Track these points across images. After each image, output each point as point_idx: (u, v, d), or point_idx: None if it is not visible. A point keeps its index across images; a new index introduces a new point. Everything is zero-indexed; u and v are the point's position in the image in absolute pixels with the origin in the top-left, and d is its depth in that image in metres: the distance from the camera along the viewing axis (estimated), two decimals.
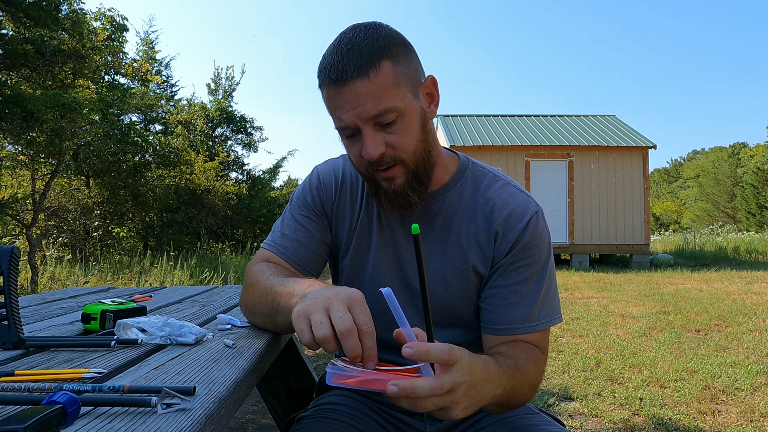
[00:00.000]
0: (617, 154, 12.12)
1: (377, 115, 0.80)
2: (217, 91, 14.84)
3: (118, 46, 7.20)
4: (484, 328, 0.93)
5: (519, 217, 0.92)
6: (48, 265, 6.47)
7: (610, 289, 7.29)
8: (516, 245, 0.91)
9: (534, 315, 0.89)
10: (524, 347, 0.87)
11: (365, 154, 0.82)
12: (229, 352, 0.79)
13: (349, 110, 0.80)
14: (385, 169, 0.85)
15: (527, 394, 0.83)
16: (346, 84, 0.79)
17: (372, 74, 0.79)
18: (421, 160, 0.86)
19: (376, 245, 0.97)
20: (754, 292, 6.63)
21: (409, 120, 0.83)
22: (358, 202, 0.99)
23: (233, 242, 12.57)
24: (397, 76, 0.81)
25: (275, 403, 1.52)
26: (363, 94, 0.79)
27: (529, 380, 0.83)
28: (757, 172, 30.28)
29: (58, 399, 0.46)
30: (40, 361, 0.74)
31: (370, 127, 0.81)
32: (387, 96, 0.80)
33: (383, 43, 0.80)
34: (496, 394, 0.72)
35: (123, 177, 10.39)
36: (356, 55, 0.79)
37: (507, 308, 0.90)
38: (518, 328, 0.89)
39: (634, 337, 4.17)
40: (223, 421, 0.58)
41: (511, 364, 0.79)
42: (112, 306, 1.00)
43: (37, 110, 5.08)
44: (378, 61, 0.79)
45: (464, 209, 0.94)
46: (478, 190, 0.95)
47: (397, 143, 0.83)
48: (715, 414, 2.49)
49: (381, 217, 0.97)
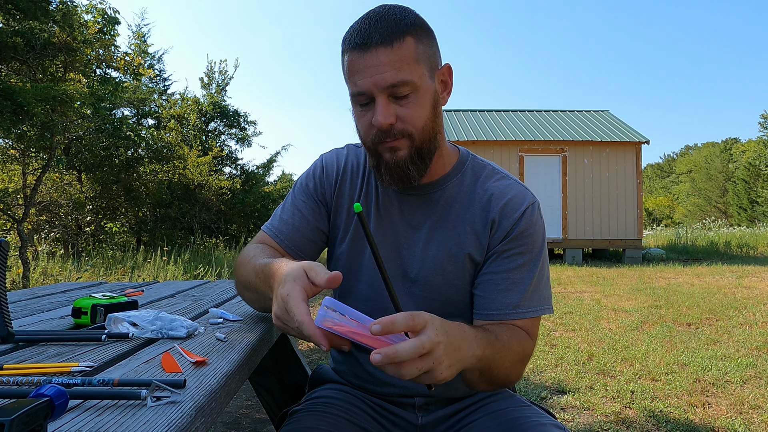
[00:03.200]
0: (611, 149, 12.17)
1: (394, 84, 0.82)
2: (210, 85, 14.74)
3: (109, 39, 7.13)
4: (475, 314, 0.94)
5: (516, 206, 0.93)
6: (40, 260, 6.42)
7: (602, 283, 7.34)
8: (511, 233, 0.92)
9: (525, 302, 0.91)
10: (509, 327, 0.89)
11: (375, 121, 0.84)
12: (221, 346, 0.79)
13: (367, 76, 0.83)
14: (392, 141, 0.87)
15: (510, 368, 0.85)
16: (369, 50, 0.82)
17: (396, 45, 0.82)
18: (427, 139, 0.88)
19: (374, 233, 0.98)
20: (745, 286, 6.69)
21: (422, 97, 0.86)
22: (357, 191, 1.01)
23: (227, 237, 12.54)
24: (418, 53, 0.85)
25: (268, 397, 1.52)
26: (384, 63, 0.82)
27: (512, 355, 0.85)
28: (749, 167, 30.52)
29: (46, 392, 0.46)
30: (29, 355, 0.74)
31: (384, 97, 0.84)
32: (406, 68, 0.83)
33: (410, 21, 0.85)
34: (476, 355, 0.75)
35: (115, 172, 10.32)
36: (383, 26, 0.83)
37: (499, 294, 0.91)
38: (509, 314, 0.90)
39: (626, 330, 4.20)
40: (214, 414, 0.58)
41: (491, 336, 0.81)
42: (102, 300, 1.00)
43: (27, 103, 5.03)
44: (403, 35, 0.83)
45: (462, 198, 0.96)
46: (477, 181, 0.98)
47: (408, 117, 0.85)
48: (705, 406, 2.52)
49: (380, 206, 0.99)
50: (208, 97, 14.40)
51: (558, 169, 12.15)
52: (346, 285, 1.01)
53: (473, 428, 0.91)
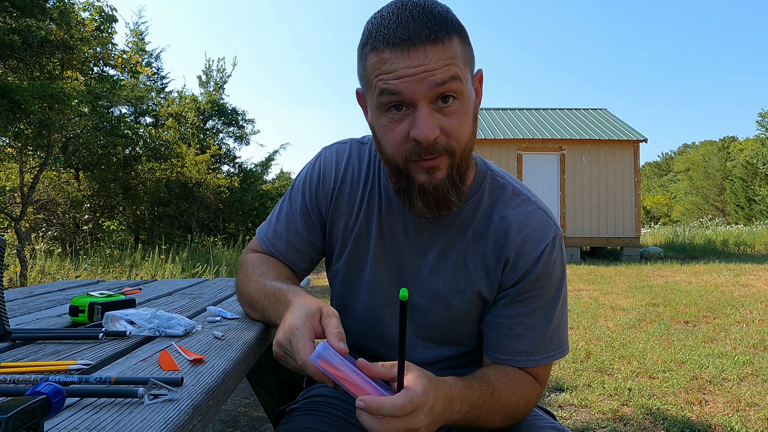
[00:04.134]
0: (609, 148, 12.18)
1: (445, 81, 0.70)
2: (208, 83, 14.71)
3: (107, 37, 7.10)
4: (486, 352, 0.89)
5: (534, 244, 0.84)
6: (38, 258, 6.41)
7: (600, 281, 7.35)
8: (527, 275, 0.84)
9: (539, 348, 0.84)
10: (515, 377, 0.83)
11: (419, 134, 0.71)
12: (219, 344, 0.79)
13: (408, 75, 0.69)
14: (432, 159, 0.74)
15: (500, 422, 0.80)
16: (415, 47, 0.69)
17: (446, 42, 0.70)
18: (466, 157, 0.77)
19: (375, 253, 0.90)
20: (742, 284, 6.71)
21: (466, 106, 0.74)
22: (357, 204, 0.91)
23: (225, 236, 12.52)
24: (464, 54, 0.73)
25: (266, 395, 1.52)
26: (433, 62, 0.69)
27: (506, 410, 0.79)
28: (746, 165, 30.58)
29: (42, 390, 0.46)
30: (26, 354, 0.74)
31: (427, 105, 0.71)
32: (456, 70, 0.71)
33: (454, 17, 0.73)
34: (454, 419, 0.72)
35: (113, 170, 10.29)
36: (430, 19, 0.70)
37: (511, 339, 0.84)
38: (520, 361, 0.84)
39: (624, 328, 4.21)
40: (211, 412, 0.58)
41: (485, 392, 0.76)
42: (100, 298, 0.99)
43: (24, 101, 5.01)
44: (451, 32, 0.71)
45: (476, 226, 0.86)
46: (494, 206, 0.87)
47: (453, 129, 0.73)
48: (702, 404, 2.52)
49: (383, 223, 0.90)
50: (206, 95, 14.37)
51: (556, 167, 12.16)
52: (343, 303, 0.97)
53: None
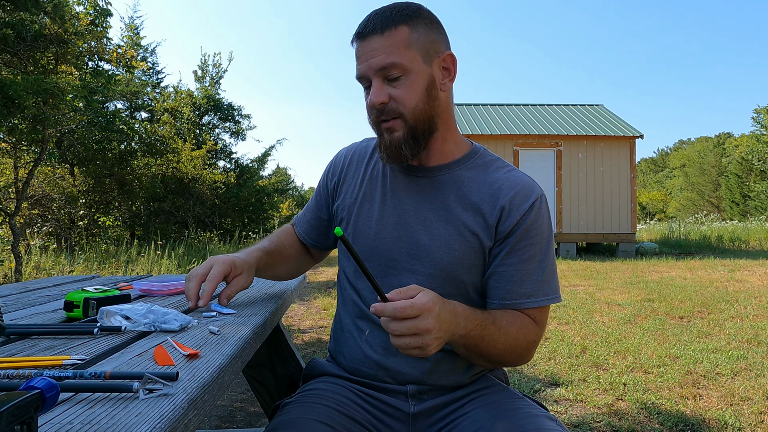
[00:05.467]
0: (605, 144, 12.20)
1: (383, 67, 0.92)
2: (204, 78, 14.64)
3: (101, 31, 7.05)
4: (490, 303, 0.99)
5: (525, 197, 0.98)
6: (32, 254, 6.38)
7: (596, 277, 7.38)
8: (521, 224, 0.97)
9: (539, 291, 0.97)
10: (513, 314, 0.95)
11: (368, 101, 0.94)
12: (214, 339, 0.79)
13: (363, 61, 0.94)
14: (387, 120, 0.95)
15: (503, 351, 0.92)
16: (365, 38, 0.93)
17: (387, 33, 0.92)
18: (421, 120, 0.95)
19: (380, 213, 1.04)
20: (737, 280, 6.75)
21: (414, 79, 0.93)
22: (361, 174, 1.09)
23: (221, 231, 12.50)
24: (411, 40, 0.93)
25: (262, 390, 1.52)
26: (376, 48, 0.92)
27: (506, 339, 0.91)
28: (742, 162, 30.70)
29: (36, 384, 0.46)
30: (20, 349, 0.73)
31: (378, 79, 0.93)
32: (396, 53, 0.91)
33: (407, 13, 0.94)
34: (460, 333, 0.84)
35: (108, 165, 10.24)
36: (381, 18, 0.93)
37: (514, 284, 0.96)
38: (523, 303, 0.96)
39: (619, 324, 4.23)
40: (207, 407, 0.58)
41: (487, 319, 0.89)
42: (95, 293, 0.99)
43: (18, 96, 4.97)
44: (396, 24, 0.92)
45: (471, 183, 1.01)
46: (487, 171, 1.03)
47: (399, 97, 0.93)
48: (696, 398, 2.54)
49: (387, 187, 1.05)
50: (201, 90, 14.30)
51: (552, 163, 12.17)
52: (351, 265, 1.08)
53: (466, 419, 0.92)
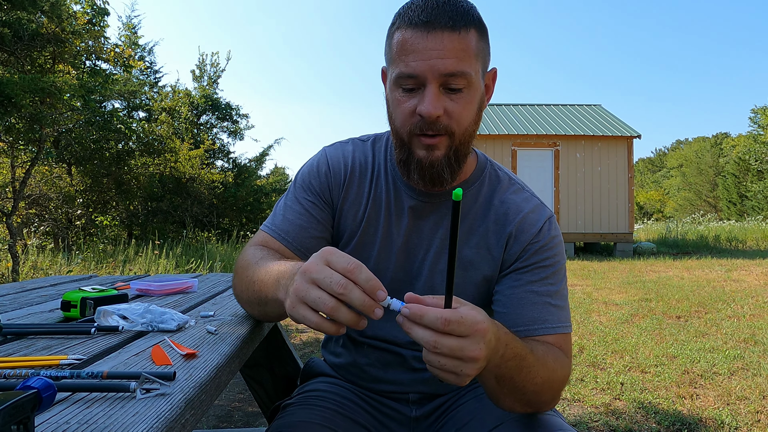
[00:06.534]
0: (602, 144, 12.22)
1: (453, 74, 0.77)
2: (202, 77, 14.60)
3: (99, 30, 7.03)
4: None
5: (534, 221, 0.90)
6: (30, 254, 6.36)
7: (594, 276, 7.39)
8: (530, 247, 0.88)
9: (553, 317, 0.84)
10: (543, 344, 0.81)
11: (423, 110, 0.78)
12: (211, 338, 0.79)
13: (426, 59, 0.77)
14: (432, 136, 0.81)
15: (540, 387, 0.74)
16: (434, 31, 0.76)
17: (462, 33, 0.77)
18: (465, 142, 0.84)
19: (382, 238, 0.94)
20: (733, 280, 6.77)
21: (473, 96, 0.81)
22: (366, 194, 0.95)
23: (219, 231, 12.48)
24: (478, 48, 0.80)
25: (260, 390, 1.52)
26: (447, 48, 0.76)
27: (546, 371, 0.74)
28: (739, 162, 30.76)
29: (33, 384, 0.46)
30: (17, 349, 0.73)
31: (436, 86, 0.78)
32: (467, 60, 0.78)
33: (476, 13, 0.81)
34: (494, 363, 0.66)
35: (106, 165, 10.21)
36: (452, 9, 0.77)
37: (523, 308, 0.85)
38: (537, 329, 0.83)
39: (617, 323, 4.24)
40: (204, 406, 0.58)
41: (526, 347, 0.73)
42: (92, 293, 0.99)
43: (15, 95, 4.96)
44: (469, 25, 0.78)
45: (478, 210, 0.93)
46: (494, 192, 0.93)
47: (456, 113, 0.80)
48: (693, 397, 2.55)
49: (390, 210, 0.94)
50: (199, 89, 14.27)
51: (550, 163, 12.19)
52: None
53: (460, 411, 0.93)
